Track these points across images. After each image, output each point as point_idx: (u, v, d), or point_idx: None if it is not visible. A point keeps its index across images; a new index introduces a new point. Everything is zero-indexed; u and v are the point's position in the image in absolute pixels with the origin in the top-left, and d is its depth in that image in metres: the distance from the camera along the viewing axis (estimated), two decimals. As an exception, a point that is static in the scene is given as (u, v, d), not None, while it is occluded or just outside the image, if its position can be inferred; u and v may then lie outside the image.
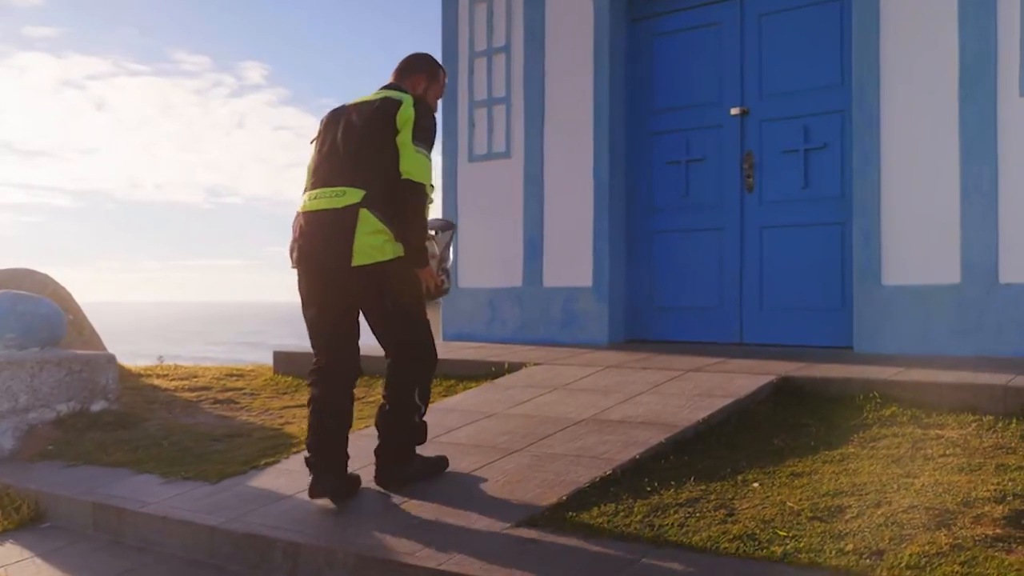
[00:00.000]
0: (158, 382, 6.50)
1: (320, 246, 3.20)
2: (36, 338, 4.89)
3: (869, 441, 3.59)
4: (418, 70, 3.55)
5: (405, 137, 3.22)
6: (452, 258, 3.55)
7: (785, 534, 2.64)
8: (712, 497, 3.05)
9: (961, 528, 2.59)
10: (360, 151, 3.24)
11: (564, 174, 6.51)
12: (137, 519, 3.42)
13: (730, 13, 6.04)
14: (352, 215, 3.14)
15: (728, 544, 2.62)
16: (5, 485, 3.96)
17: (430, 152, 3.31)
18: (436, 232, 3.54)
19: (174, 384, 6.41)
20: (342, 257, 3.13)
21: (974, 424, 3.69)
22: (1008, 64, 4.86)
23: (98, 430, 4.79)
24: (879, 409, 3.96)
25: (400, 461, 3.42)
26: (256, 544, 2.99)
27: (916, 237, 5.13)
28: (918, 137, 5.13)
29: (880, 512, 2.75)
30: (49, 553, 3.45)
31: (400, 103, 3.28)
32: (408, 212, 3.23)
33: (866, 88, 5.28)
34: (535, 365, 5.32)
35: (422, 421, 3.48)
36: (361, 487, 3.38)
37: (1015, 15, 4.85)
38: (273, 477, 3.69)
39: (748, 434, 3.80)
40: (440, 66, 3.64)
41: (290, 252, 3.32)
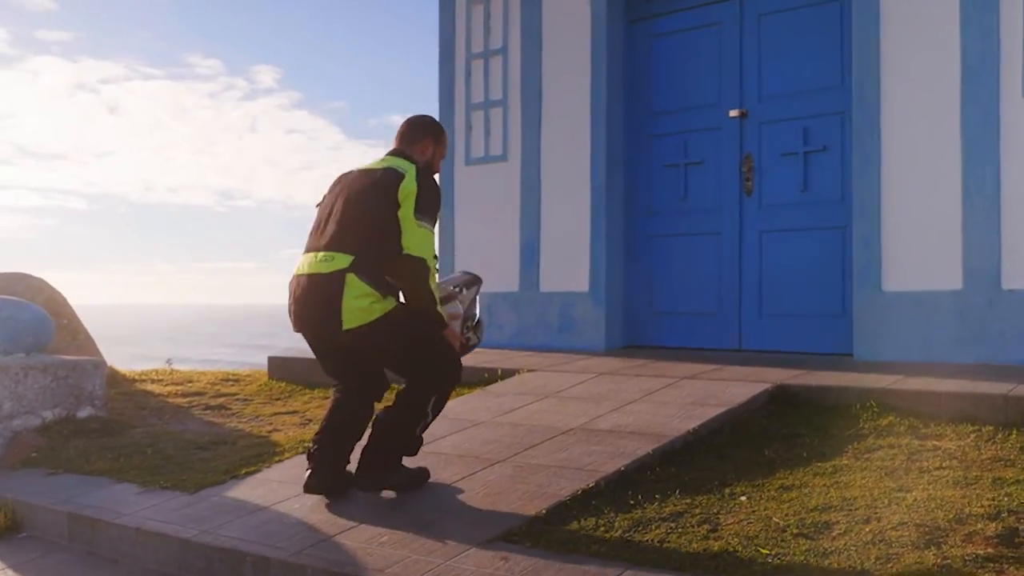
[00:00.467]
0: (152, 387, 6.45)
1: (311, 311, 3.26)
2: (21, 344, 4.83)
3: (863, 452, 3.49)
4: (424, 135, 3.52)
5: (407, 211, 3.21)
6: (477, 312, 3.65)
7: (768, 552, 2.55)
8: (696, 511, 2.95)
9: (951, 547, 2.49)
10: (354, 218, 3.25)
11: (561, 177, 6.42)
12: (111, 530, 3.36)
13: (729, 14, 5.94)
14: (339, 280, 3.17)
15: (708, 562, 2.52)
16: (-17, 494, 3.91)
17: (434, 224, 3.32)
18: (460, 289, 3.51)
19: (168, 389, 6.36)
20: (332, 322, 3.18)
21: (973, 435, 3.59)
22: (1011, 64, 4.74)
23: (83, 437, 4.73)
24: (876, 419, 3.86)
25: (386, 468, 3.34)
26: (227, 558, 2.92)
27: (917, 242, 5.01)
28: (919, 139, 5.02)
29: (868, 529, 2.65)
30: (22, 564, 3.39)
31: (403, 176, 3.26)
32: (412, 287, 3.26)
33: (866, 89, 5.18)
34: (528, 372, 5.23)
35: (420, 433, 3.41)
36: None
37: (1018, 14, 4.73)
38: (252, 487, 3.61)
39: (739, 445, 3.70)
40: (442, 128, 3.63)
41: (288, 314, 3.37)
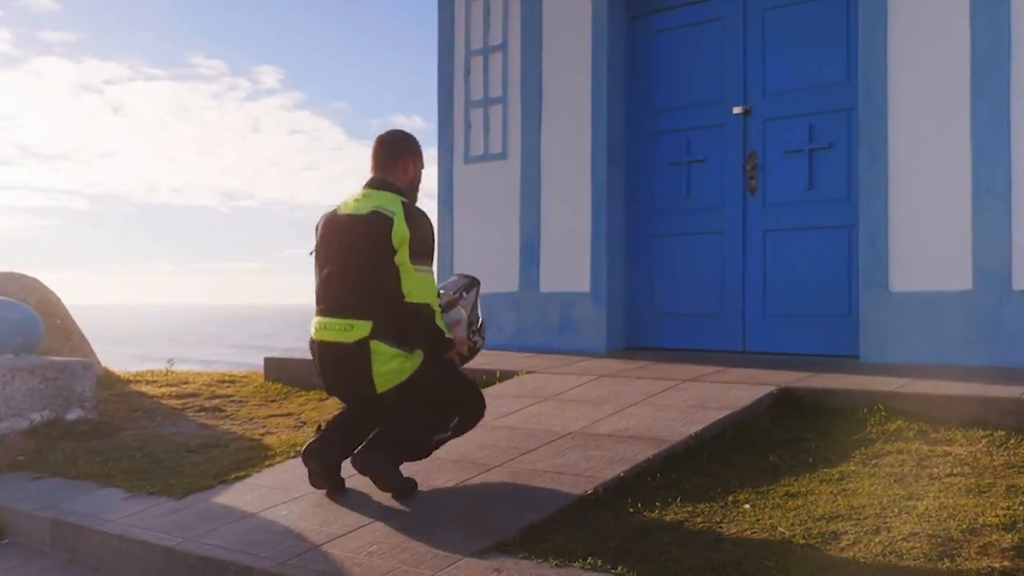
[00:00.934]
0: (146, 388, 6.35)
1: (342, 380, 3.28)
2: (9, 344, 4.73)
3: (871, 458, 3.38)
4: (403, 154, 3.44)
5: (403, 257, 3.17)
6: (480, 315, 3.62)
7: (773, 564, 2.43)
8: (699, 520, 2.84)
9: (965, 559, 2.37)
10: (359, 280, 3.21)
11: (562, 176, 6.31)
12: (94, 537, 3.25)
13: (733, 8, 5.82)
14: (364, 349, 3.16)
15: (711, 574, 2.41)
16: (-34, 499, 3.81)
17: (431, 264, 3.29)
18: (460, 294, 3.48)
19: (162, 391, 6.26)
20: (367, 389, 3.20)
21: (984, 440, 3.47)
22: (1022, 58, 4.62)
23: (72, 440, 4.63)
24: (884, 423, 3.74)
25: (387, 454, 3.24)
26: (210, 568, 2.81)
27: (925, 241, 4.89)
28: (927, 136, 4.90)
29: (878, 540, 2.53)
30: (2, 572, 3.29)
31: (391, 219, 3.18)
32: (418, 332, 3.24)
33: (873, 85, 5.06)
34: (527, 373, 5.12)
35: (435, 443, 3.36)
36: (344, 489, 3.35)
37: (1030, 7, 4.62)
38: (240, 493, 3.50)
39: (743, 450, 3.59)
40: (416, 139, 3.53)
41: (318, 376, 3.37)
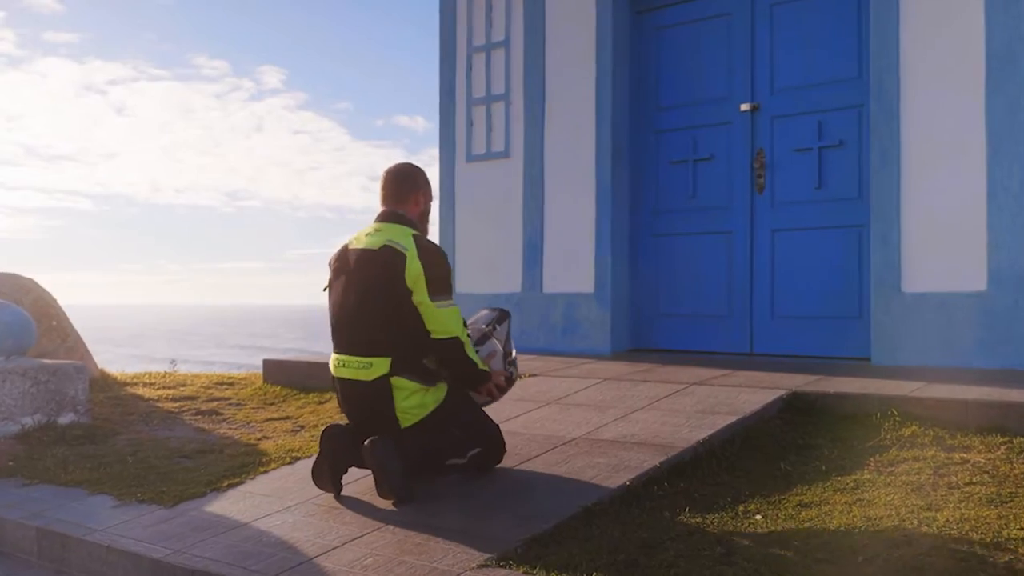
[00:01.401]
0: (143, 391, 6.25)
1: (364, 416, 3.28)
2: (0, 347, 4.62)
3: (886, 466, 3.25)
4: (413, 187, 3.46)
5: (421, 296, 3.20)
6: (513, 348, 3.68)
7: (788, 580, 2.31)
8: (709, 531, 2.72)
9: (992, 576, 2.25)
10: (374, 318, 3.23)
11: (565, 174, 6.20)
12: (81, 547, 3.14)
13: (740, 3, 5.71)
14: (385, 386, 3.19)
15: (722, 591, 2.29)
16: (-47, 506, 3.69)
17: (451, 295, 3.31)
18: (493, 327, 3.55)
19: (159, 393, 6.15)
20: (391, 426, 3.21)
21: (1003, 447, 3.34)
22: (1039, 54, 4.51)
23: (64, 445, 4.52)
24: (898, 428, 3.62)
25: (401, 448, 3.13)
26: (199, 581, 2.70)
27: (939, 241, 4.77)
28: (941, 133, 4.77)
29: (898, 555, 2.41)
30: (-13, 583, 3.18)
31: (404, 255, 3.21)
32: (451, 363, 3.31)
33: (885, 81, 4.94)
34: (529, 376, 5.00)
35: (447, 466, 3.33)
36: (341, 497, 3.28)
37: (1047, 0, 4.49)
38: (233, 501, 3.39)
39: (753, 457, 3.47)
40: (423, 171, 3.56)
41: (341, 412, 3.41)
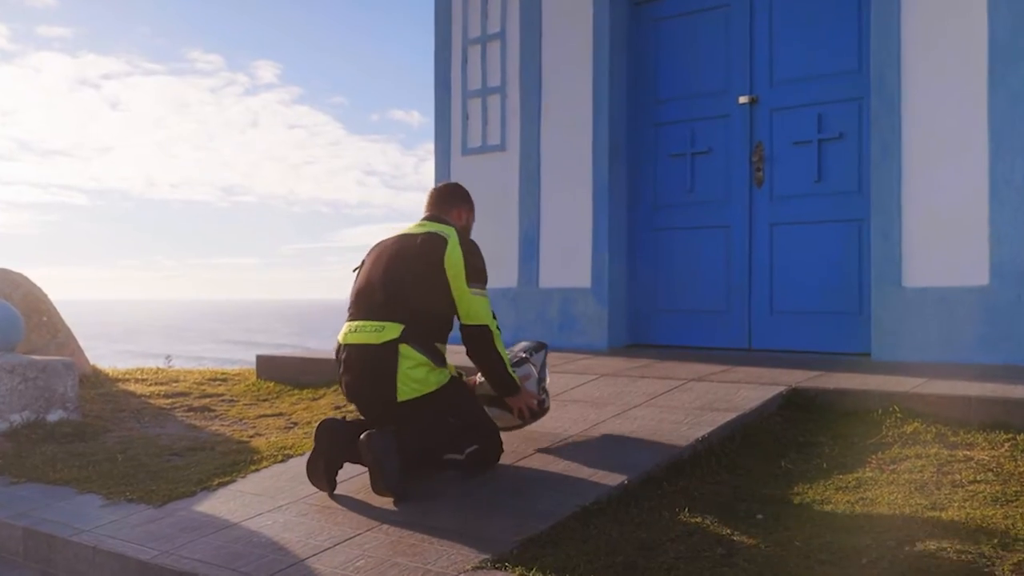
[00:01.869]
0: (135, 387, 6.18)
1: (365, 382, 3.23)
2: (-13, 343, 4.56)
3: (889, 463, 3.20)
4: (459, 202, 3.59)
5: (459, 283, 3.24)
6: (547, 375, 3.77)
7: (791, 582, 2.26)
8: (709, 532, 2.66)
9: (1000, 578, 2.19)
10: (401, 285, 3.24)
11: (562, 168, 6.12)
12: (68, 548, 3.07)
13: (739, -6, 5.63)
14: (392, 351, 3.15)
15: (723, 594, 2.23)
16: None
17: (485, 286, 3.34)
18: (530, 354, 3.63)
19: (151, 389, 6.09)
20: (387, 393, 3.16)
21: (1007, 444, 3.28)
22: (1042, 45, 4.44)
23: (53, 442, 4.45)
24: (900, 425, 3.56)
25: (399, 441, 3.06)
26: (186, 583, 2.63)
27: (940, 235, 4.70)
28: (943, 126, 4.70)
29: (903, 556, 2.35)
30: (-28, 585, 3.12)
31: (446, 240, 3.28)
32: (479, 354, 3.34)
33: (886, 73, 4.87)
34: (526, 372, 4.93)
35: (444, 461, 3.28)
36: (334, 496, 3.23)
37: (1050, -10, 4.42)
38: (223, 501, 3.33)
39: (753, 454, 3.41)
40: (468, 191, 3.70)
41: (339, 383, 3.35)
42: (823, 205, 5.28)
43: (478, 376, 3.58)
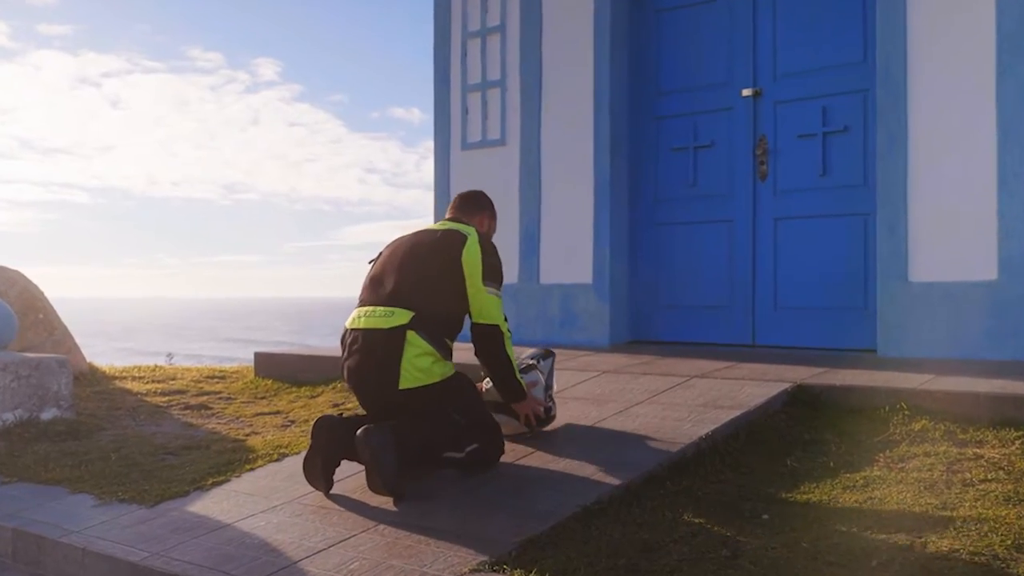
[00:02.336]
0: (132, 385, 6.12)
1: (367, 367, 3.17)
2: (-21, 341, 4.49)
3: (897, 462, 3.13)
4: (482, 209, 3.60)
5: (475, 280, 3.22)
6: (554, 383, 3.80)
7: (798, 586, 2.18)
8: (713, 532, 2.59)
9: (1015, 581, 2.12)
10: (414, 274, 3.22)
11: (562, 162, 6.05)
12: (57, 550, 3.01)
13: (742, -14, 5.55)
14: (399, 336, 3.10)
15: (728, 597, 2.16)
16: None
17: (500, 288, 3.34)
18: (538, 360, 3.62)
19: (148, 387, 6.02)
20: (389, 380, 3.11)
21: (1018, 441, 3.21)
22: (1052, 35, 4.36)
23: (46, 441, 4.38)
24: (908, 423, 3.48)
25: (397, 438, 3.00)
26: (176, 586, 2.56)
27: (947, 229, 4.63)
28: (950, 118, 4.63)
29: (914, 557, 2.28)
30: (-40, 587, 3.05)
31: (466, 238, 3.27)
32: (488, 355, 3.31)
33: (891, 65, 4.79)
34: (527, 369, 4.86)
35: (443, 460, 3.20)
36: (330, 495, 3.15)
37: (1060, -21, 4.34)
38: (216, 501, 3.26)
39: (757, 453, 3.34)
40: (491, 200, 3.71)
41: (341, 368, 3.29)
42: (828, 199, 5.21)
43: (486, 382, 3.53)
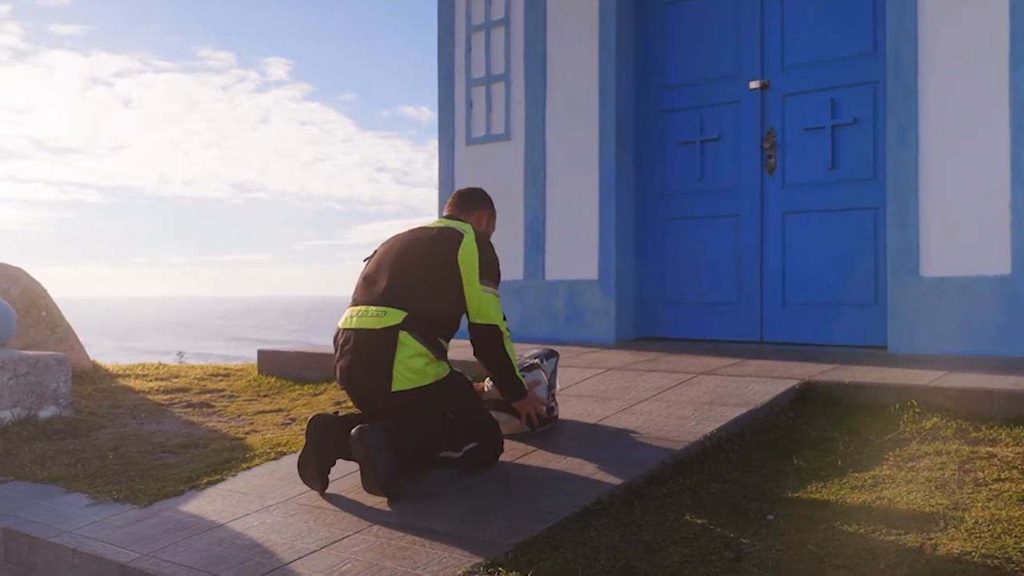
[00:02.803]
0: (134, 383, 6.08)
1: (359, 368, 3.11)
2: (-23, 338, 4.45)
3: (907, 461, 3.04)
4: (480, 206, 3.55)
5: (472, 279, 3.16)
6: (557, 383, 3.76)
7: (803, 589, 2.11)
8: (716, 533, 2.52)
9: (1029, 585, 2.04)
10: (407, 273, 3.16)
11: (568, 157, 5.97)
12: (48, 550, 2.95)
13: (749, -24, 5.46)
14: (392, 337, 3.04)
15: (730, 602, 2.09)
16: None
17: (497, 286, 3.26)
18: (541, 360, 3.59)
19: (151, 385, 5.98)
20: (382, 381, 3.04)
21: (1032, 440, 3.12)
22: (1067, 23, 4.26)
23: (44, 440, 4.34)
24: (918, 421, 3.40)
25: (391, 438, 2.94)
26: (166, 588, 2.51)
27: (959, 223, 4.53)
28: (962, 109, 4.53)
29: (924, 560, 2.20)
30: (-50, 588, 3.01)
31: (462, 235, 3.21)
32: (487, 355, 3.24)
33: (902, 56, 4.69)
34: (530, 367, 4.79)
35: (440, 460, 3.16)
36: (325, 495, 3.10)
37: (1075, -34, 4.24)
38: (210, 500, 3.20)
39: (764, 451, 3.26)
40: (490, 196, 3.65)
41: (334, 369, 3.24)
42: (837, 193, 5.12)
43: (487, 381, 3.47)
